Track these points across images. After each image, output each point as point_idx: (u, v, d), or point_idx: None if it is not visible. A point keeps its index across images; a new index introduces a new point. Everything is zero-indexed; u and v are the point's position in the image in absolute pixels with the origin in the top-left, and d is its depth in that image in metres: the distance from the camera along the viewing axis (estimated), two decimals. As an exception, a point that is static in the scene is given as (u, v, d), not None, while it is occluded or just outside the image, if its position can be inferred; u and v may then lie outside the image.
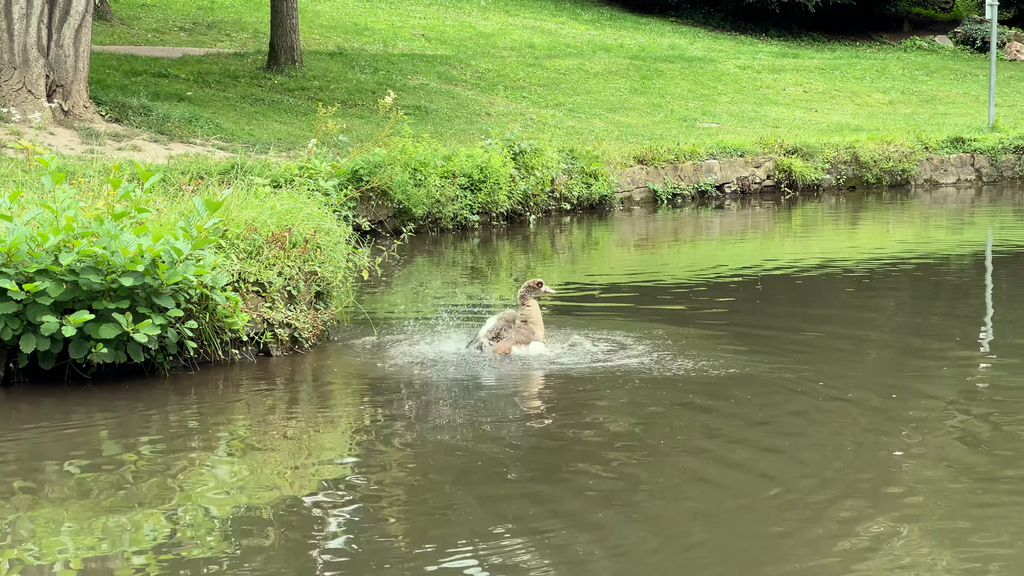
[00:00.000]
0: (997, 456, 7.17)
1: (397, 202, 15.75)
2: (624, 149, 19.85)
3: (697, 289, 12.82)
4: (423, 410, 8.15)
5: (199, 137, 17.66)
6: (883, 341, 10.17)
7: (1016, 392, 8.58)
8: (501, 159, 16.86)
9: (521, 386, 8.79)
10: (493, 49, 28.59)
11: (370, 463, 7.22)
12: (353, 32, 28.62)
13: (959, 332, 10.58)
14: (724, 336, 10.18)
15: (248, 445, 7.63)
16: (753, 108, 25.63)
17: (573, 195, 18.19)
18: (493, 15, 32.67)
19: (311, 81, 22.27)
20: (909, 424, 7.76)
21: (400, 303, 12.09)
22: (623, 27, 33.53)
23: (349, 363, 9.45)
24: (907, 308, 12.00)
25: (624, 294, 12.63)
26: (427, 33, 29.64)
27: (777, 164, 20.98)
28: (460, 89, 23.85)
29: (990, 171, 23.05)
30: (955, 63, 32.92)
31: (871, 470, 6.96)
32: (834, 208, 19.98)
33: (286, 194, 10.85)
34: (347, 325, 10.48)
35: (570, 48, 29.64)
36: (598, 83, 26.10)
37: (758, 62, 30.09)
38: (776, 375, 8.87)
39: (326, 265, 10.04)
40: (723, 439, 7.54)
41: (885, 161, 21.90)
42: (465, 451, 7.31)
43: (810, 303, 12.08)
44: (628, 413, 8.04)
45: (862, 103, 27.46)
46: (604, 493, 6.62)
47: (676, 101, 25.47)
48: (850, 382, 8.75)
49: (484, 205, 16.71)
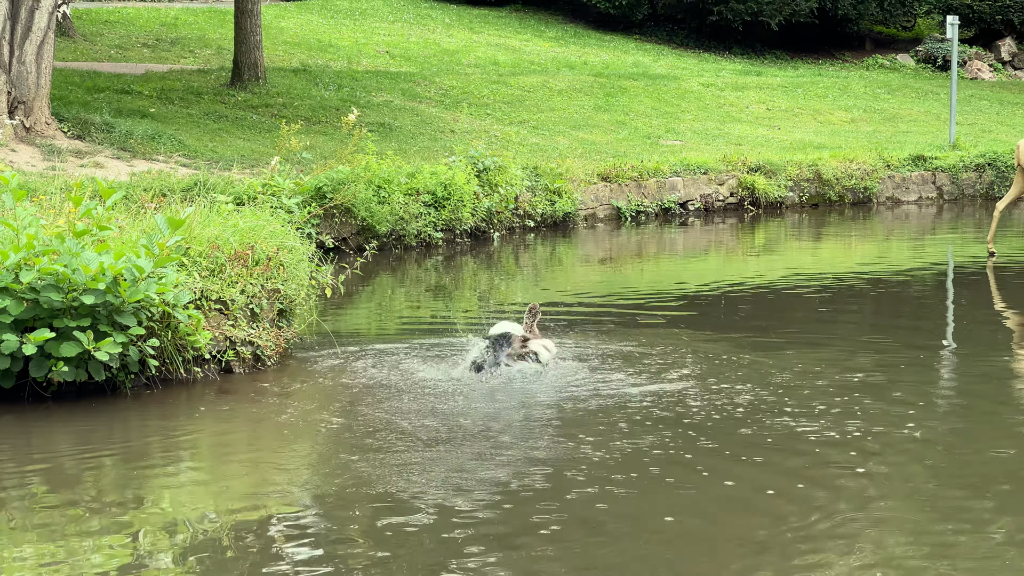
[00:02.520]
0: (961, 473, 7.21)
1: (361, 219, 15.73)
2: (588, 166, 19.89)
3: (661, 305, 12.84)
4: (386, 427, 8.13)
5: (162, 154, 17.59)
6: (845, 356, 10.20)
7: (983, 404, 8.64)
8: (465, 176, 16.87)
9: (484, 403, 8.77)
10: (457, 66, 28.62)
11: (332, 481, 7.20)
12: (317, 49, 28.60)
13: (922, 347, 10.64)
14: (689, 352, 10.20)
15: (210, 464, 7.59)
16: (717, 126, 25.73)
17: (537, 212, 18.21)
18: (457, 32, 32.71)
19: (275, 98, 22.23)
20: (871, 443, 7.80)
21: (363, 320, 12.07)
22: (587, 44, 33.62)
23: (311, 381, 9.43)
24: (868, 324, 12.06)
25: (589, 311, 12.64)
26: (391, 50, 29.65)
27: (740, 181, 21.06)
28: (424, 106, 23.86)
29: (951, 189, 23.21)
30: (917, 81, 33.15)
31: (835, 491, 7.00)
32: (797, 225, 20.08)
33: (249, 212, 10.83)
34: (310, 342, 10.46)
35: (534, 65, 29.69)
36: (562, 100, 26.16)
37: (722, 80, 30.22)
38: (738, 392, 8.90)
39: (289, 283, 10.02)
40: (695, 456, 7.56)
41: (847, 179, 22.02)
42: (428, 469, 7.29)
43: (774, 319, 12.12)
44: (596, 436, 8.05)
45: (824, 121, 27.61)
46: (574, 516, 6.62)
47: (640, 118, 25.55)
48: (811, 398, 8.77)
49: (448, 222, 16.71)
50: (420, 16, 34.05)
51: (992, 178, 23.30)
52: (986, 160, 23.52)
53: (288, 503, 6.85)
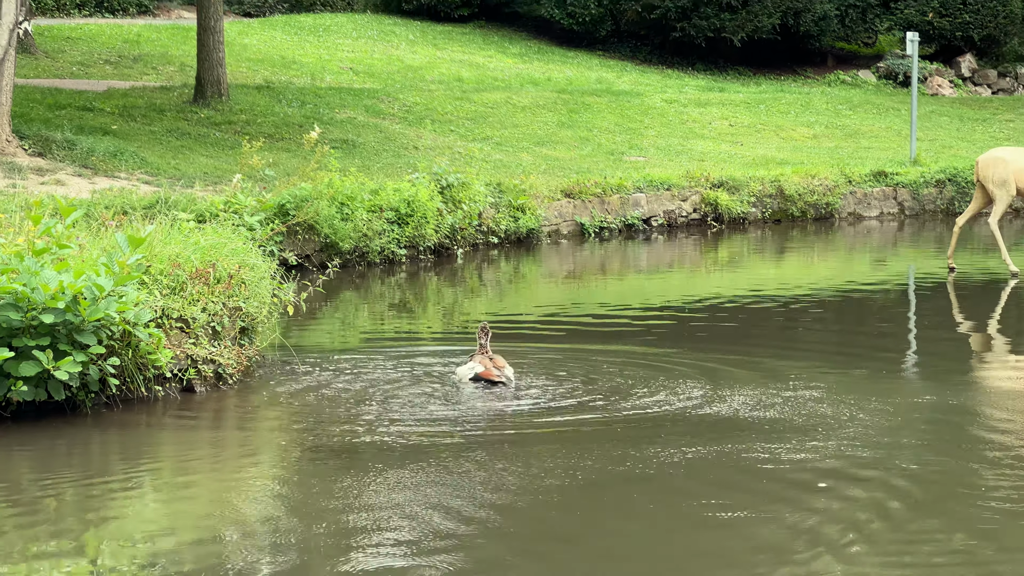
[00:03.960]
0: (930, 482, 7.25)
1: (324, 236, 15.71)
2: (551, 183, 19.93)
3: (627, 321, 12.87)
4: (349, 444, 8.11)
5: (124, 171, 17.52)
6: (808, 371, 10.24)
7: (951, 416, 8.69)
8: (428, 193, 16.87)
9: (448, 419, 8.76)
10: (421, 82, 28.63)
11: (294, 499, 7.18)
12: (281, 66, 28.56)
13: (883, 362, 10.69)
14: (656, 368, 10.22)
15: (171, 483, 7.56)
16: (680, 142, 25.82)
17: (500, 229, 18.23)
18: (421, 48, 32.72)
19: (238, 115, 22.18)
20: (835, 458, 7.83)
21: (326, 338, 12.05)
22: (551, 61, 33.69)
23: (273, 398, 9.40)
24: (831, 340, 12.12)
25: (553, 326, 12.65)
26: (355, 67, 29.64)
27: (703, 197, 21.14)
28: (388, 123, 23.85)
29: (912, 204, 23.37)
30: (878, 97, 33.36)
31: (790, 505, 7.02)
32: (760, 241, 20.16)
33: (211, 229, 10.80)
34: (272, 360, 10.43)
35: (498, 82, 29.73)
36: (526, 116, 26.20)
37: (684, 96, 30.34)
38: (704, 407, 8.93)
39: (251, 300, 9.99)
40: (666, 471, 7.57)
41: (810, 194, 22.14)
42: (394, 486, 7.28)
43: (737, 334, 12.15)
44: (556, 454, 8.05)
45: (787, 137, 27.75)
46: (548, 533, 6.62)
47: (603, 135, 25.61)
48: (775, 413, 8.80)
49: (411, 239, 16.70)
50: (384, 32, 34.05)
51: (953, 194, 23.46)
52: (947, 176, 23.68)
53: (250, 523, 6.82)
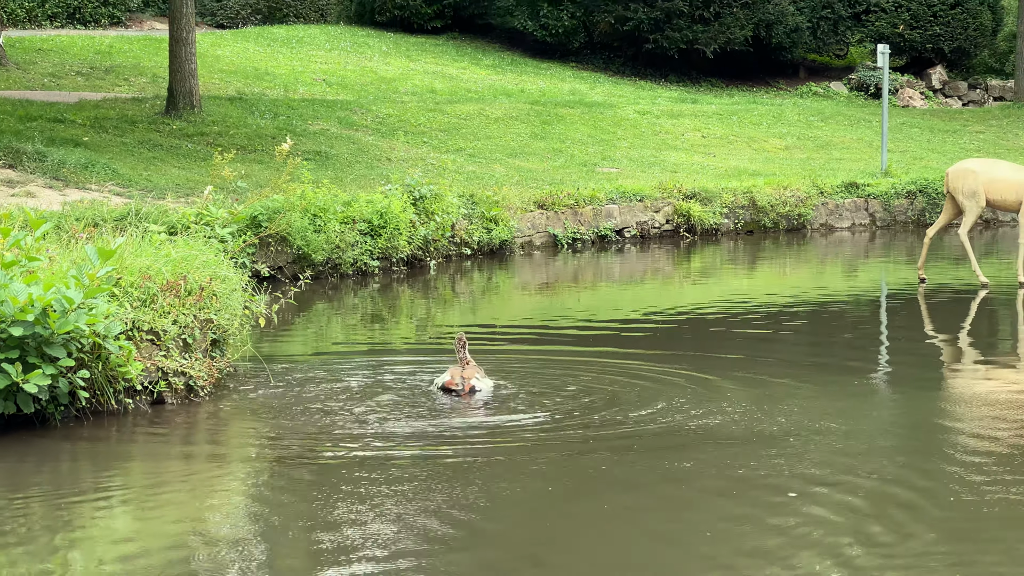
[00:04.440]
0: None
1: (296, 248, 15.68)
2: (524, 194, 19.94)
3: (600, 332, 12.88)
4: (320, 457, 8.10)
5: (95, 183, 17.46)
6: (781, 381, 10.26)
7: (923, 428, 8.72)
8: (401, 204, 16.87)
9: (420, 433, 8.75)
10: (394, 94, 28.63)
11: (265, 513, 7.16)
12: (254, 77, 28.52)
13: (856, 371, 10.72)
14: (629, 379, 10.23)
15: (141, 496, 7.52)
16: (652, 153, 25.88)
17: (473, 240, 18.23)
18: (395, 60, 32.73)
19: (210, 126, 22.13)
20: (809, 469, 7.85)
21: (298, 349, 12.02)
22: (524, 72, 33.74)
23: (245, 411, 9.38)
24: (803, 350, 12.15)
25: (526, 337, 12.66)
26: (328, 78, 29.62)
27: (676, 209, 21.19)
28: (361, 134, 23.84)
29: (884, 216, 23.47)
30: (849, 109, 33.51)
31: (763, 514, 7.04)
32: (732, 252, 20.22)
33: (182, 241, 10.77)
34: (244, 372, 10.41)
35: (471, 93, 29.76)
36: (499, 128, 26.22)
37: (657, 107, 30.42)
38: (676, 418, 8.94)
39: (222, 312, 9.97)
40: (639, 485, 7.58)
41: (782, 206, 22.21)
42: (365, 500, 7.27)
43: (710, 344, 12.17)
44: (528, 465, 8.05)
45: (759, 148, 27.85)
46: (519, 553, 6.62)
47: (576, 146, 25.65)
48: (747, 423, 8.82)
49: (384, 250, 16.69)
50: (357, 44, 34.05)
51: (923, 205, 23.58)
52: (917, 187, 23.80)
53: (221, 537, 6.80)
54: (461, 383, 9.68)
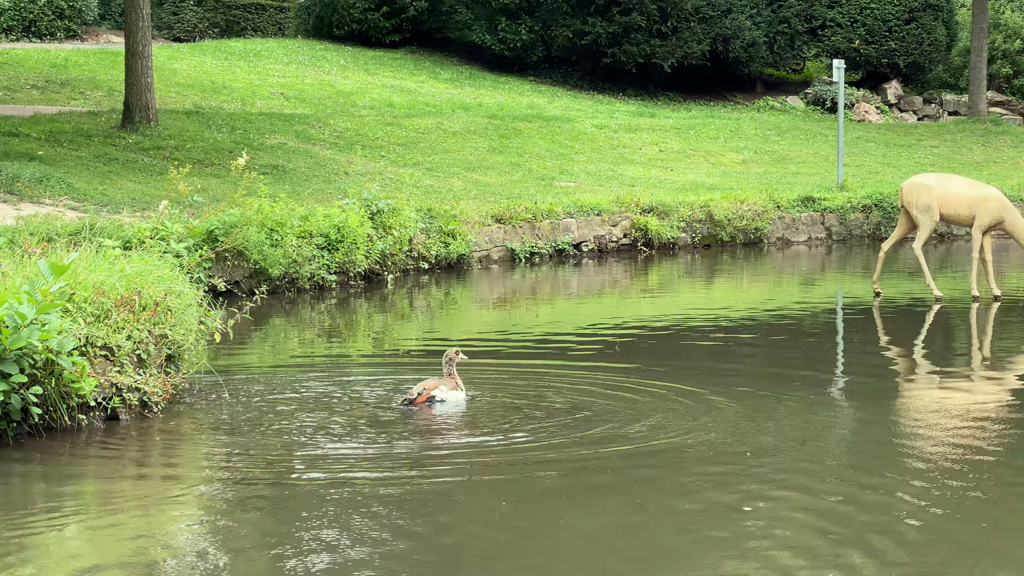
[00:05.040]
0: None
1: (253, 262, 15.63)
2: (482, 208, 19.95)
3: (558, 346, 12.89)
4: (276, 474, 8.06)
5: (50, 197, 17.35)
6: (740, 394, 10.29)
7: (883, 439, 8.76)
8: (359, 218, 16.84)
9: (375, 449, 8.73)
10: (352, 108, 28.60)
11: (220, 531, 7.12)
12: (211, 91, 28.43)
13: (813, 384, 10.77)
14: (585, 393, 10.24)
15: (95, 513, 7.47)
16: (610, 167, 25.95)
17: (431, 254, 18.22)
18: (352, 74, 32.69)
19: (167, 140, 22.04)
20: (762, 482, 7.88)
21: (254, 364, 11.97)
22: (482, 86, 33.78)
23: (200, 427, 9.33)
24: (762, 362, 12.20)
25: (483, 351, 12.65)
26: (286, 92, 29.56)
27: (633, 223, 21.25)
28: (318, 148, 23.80)
29: (840, 230, 23.62)
30: (806, 123, 33.71)
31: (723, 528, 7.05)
32: (690, 266, 20.29)
33: (137, 256, 10.71)
34: (200, 388, 10.35)
35: (429, 107, 29.76)
36: (457, 142, 26.23)
37: (615, 121, 30.51)
38: (631, 430, 8.95)
39: (177, 328, 9.92)
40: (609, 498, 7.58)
41: (739, 220, 22.31)
42: (319, 520, 7.24)
43: (667, 358, 12.19)
44: (485, 480, 8.04)
45: (716, 162, 27.97)
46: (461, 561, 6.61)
47: (534, 160, 25.69)
48: (704, 435, 8.85)
49: (341, 265, 16.66)
50: (315, 58, 34.01)
51: (879, 219, 23.74)
52: (873, 201, 23.97)
53: (175, 555, 6.76)
54: (422, 391, 9.69)
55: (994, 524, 7.14)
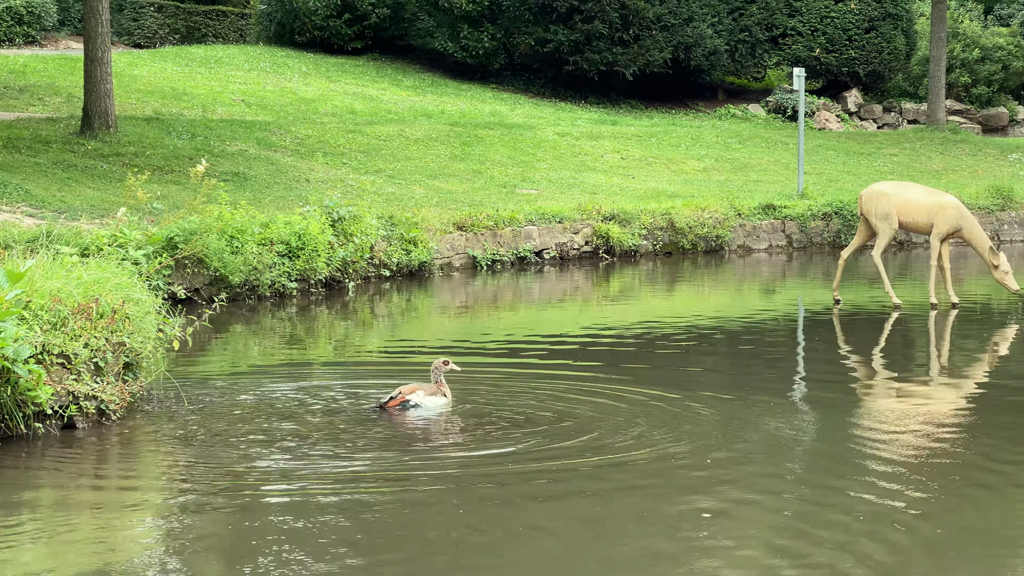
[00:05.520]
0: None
1: (213, 270, 15.56)
2: (444, 215, 19.94)
3: (517, 353, 12.87)
4: (233, 482, 8.01)
5: (7, 204, 17.21)
6: (700, 400, 10.31)
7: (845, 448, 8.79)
8: (320, 226, 16.80)
9: (333, 458, 8.69)
10: (314, 115, 28.54)
11: (177, 541, 7.07)
12: (171, 97, 28.31)
13: (774, 391, 10.79)
14: (544, 400, 10.23)
15: (50, 524, 7.40)
16: (572, 175, 25.99)
17: (392, 261, 18.19)
18: (314, 81, 32.63)
19: (126, 147, 21.92)
20: (725, 486, 7.89)
21: (214, 372, 11.90)
22: (444, 93, 33.77)
23: (158, 435, 9.26)
24: (723, 369, 12.22)
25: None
26: (247, 99, 29.47)
27: (595, 230, 21.28)
28: (279, 155, 23.72)
29: (800, 237, 23.72)
30: (767, 131, 33.85)
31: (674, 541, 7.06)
32: (651, 273, 20.32)
33: (95, 263, 10.63)
34: (158, 396, 10.28)
35: (391, 114, 29.73)
36: (418, 149, 26.21)
37: (577, 129, 30.55)
38: (592, 437, 8.95)
39: (135, 335, 9.85)
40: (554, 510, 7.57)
41: (700, 227, 22.38)
42: (277, 528, 7.20)
43: (628, 365, 12.20)
44: (448, 491, 8.02)
45: (678, 170, 28.05)
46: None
47: (496, 167, 25.69)
48: (664, 443, 8.85)
49: (302, 272, 16.61)
50: (277, 65, 33.92)
51: (839, 226, 23.87)
52: (833, 209, 24.09)
53: (131, 566, 6.70)
54: (397, 395, 9.73)
55: (956, 526, 7.17)
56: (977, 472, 8.32)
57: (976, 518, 7.40)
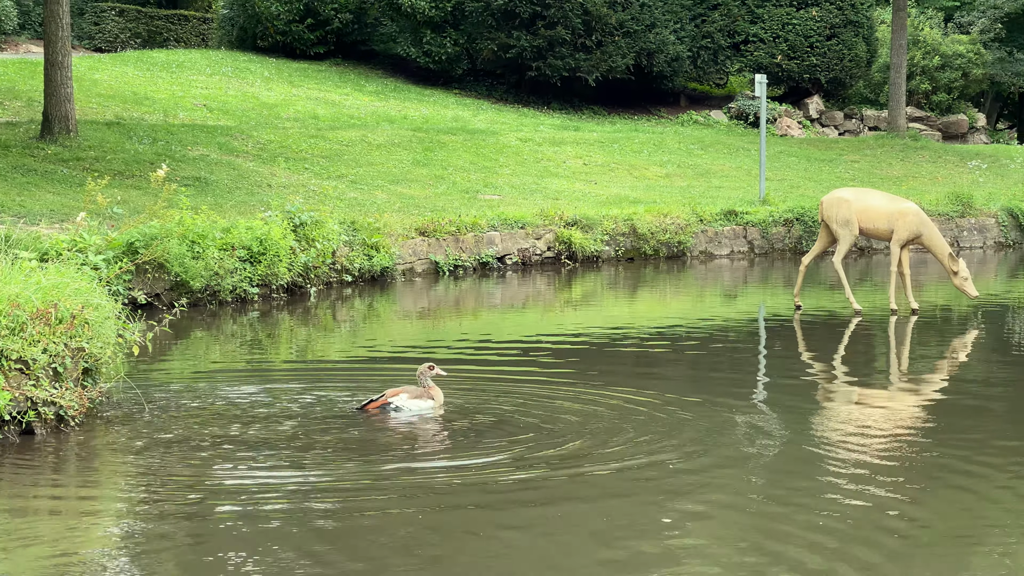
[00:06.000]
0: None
1: (174, 275, 15.48)
2: (406, 221, 19.92)
3: (478, 359, 12.86)
4: (192, 488, 7.96)
5: (-34, 209, 17.10)
6: (662, 405, 10.32)
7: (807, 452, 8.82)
8: (281, 231, 16.74)
9: (296, 464, 8.66)
10: (276, 120, 28.46)
11: (136, 544, 7.02)
12: (133, 102, 28.17)
13: (736, 396, 10.82)
14: (505, 407, 10.22)
15: (8, 531, 7.34)
16: (534, 180, 26.01)
17: (354, 267, 18.15)
18: (277, 86, 32.54)
19: (87, 151, 21.80)
20: (686, 491, 7.91)
21: (174, 377, 11.84)
22: (407, 99, 33.75)
23: (116, 440, 9.20)
24: (685, 374, 12.24)
25: (404, 366, 12.60)
26: (209, 103, 29.36)
27: (557, 236, 21.30)
28: (241, 160, 23.64)
29: (762, 243, 23.81)
30: (729, 138, 33.97)
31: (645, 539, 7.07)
32: (613, 279, 20.36)
33: (54, 268, 10.56)
34: (118, 401, 10.22)
35: (354, 120, 29.68)
36: (381, 155, 26.17)
37: (540, 135, 30.58)
38: (552, 443, 8.95)
39: (95, 341, 9.78)
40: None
41: (662, 233, 22.43)
42: (235, 536, 7.17)
43: (589, 370, 12.20)
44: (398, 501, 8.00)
45: (640, 176, 28.11)
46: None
47: (458, 173, 25.69)
48: (625, 448, 8.86)
49: (264, 277, 16.55)
50: (239, 69, 33.81)
51: (800, 233, 23.97)
52: (794, 215, 24.20)
53: (88, 573, 6.66)
54: (380, 397, 9.93)
55: (917, 528, 7.21)
56: (949, 474, 8.38)
57: (951, 518, 7.45)
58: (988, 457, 8.88)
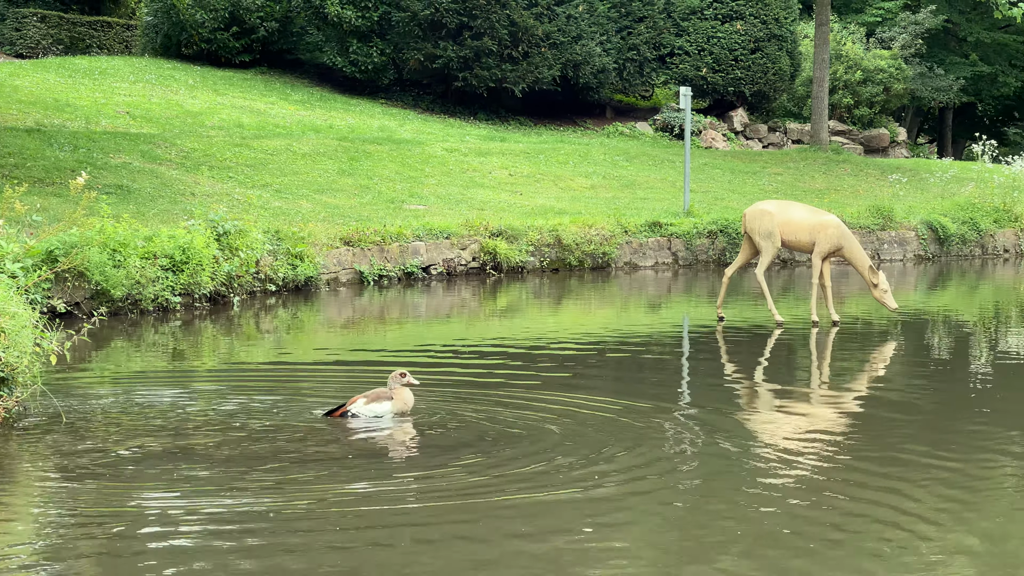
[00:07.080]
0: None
1: (95, 283, 15.32)
2: (331, 230, 19.84)
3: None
4: (114, 504, 7.87)
5: None
6: (586, 416, 10.35)
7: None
8: (204, 240, 16.62)
9: (220, 473, 8.58)
10: (200, 128, 28.25)
11: (51, 559, 6.93)
12: (54, 108, 27.85)
13: (659, 407, 10.87)
14: (429, 417, 10.21)
15: (-82, 542, 7.22)
16: (460, 190, 26.01)
17: (278, 276, 18.05)
18: (201, 94, 32.31)
19: (5, 158, 21.52)
20: (615, 501, 7.92)
21: (92, 387, 11.70)
22: (333, 108, 33.64)
23: (33, 451, 9.07)
24: (608, 385, 12.27)
25: (329, 375, 12.55)
26: (132, 111, 29.09)
27: (483, 246, 21.31)
28: (164, 168, 23.44)
29: (686, 255, 23.96)
30: (654, 149, 34.16)
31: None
32: (538, 290, 20.39)
33: (-31, 276, 10.40)
34: (34, 411, 10.08)
35: (279, 128, 29.53)
36: (306, 164, 26.06)
37: (466, 145, 30.60)
38: (475, 454, 8.94)
39: (10, 350, 9.65)
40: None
41: (587, 244, 22.51)
42: (153, 545, 7.09)
43: (513, 381, 12.21)
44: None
45: (565, 187, 28.20)
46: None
47: (384, 183, 25.63)
48: (548, 458, 8.87)
49: (186, 286, 16.42)
50: (163, 77, 33.54)
51: (724, 244, 24.15)
52: (718, 227, 24.38)
53: (1, 581, 6.56)
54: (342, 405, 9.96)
55: (836, 532, 7.27)
56: (868, 477, 8.45)
57: (864, 526, 7.53)
58: (903, 468, 8.98)
